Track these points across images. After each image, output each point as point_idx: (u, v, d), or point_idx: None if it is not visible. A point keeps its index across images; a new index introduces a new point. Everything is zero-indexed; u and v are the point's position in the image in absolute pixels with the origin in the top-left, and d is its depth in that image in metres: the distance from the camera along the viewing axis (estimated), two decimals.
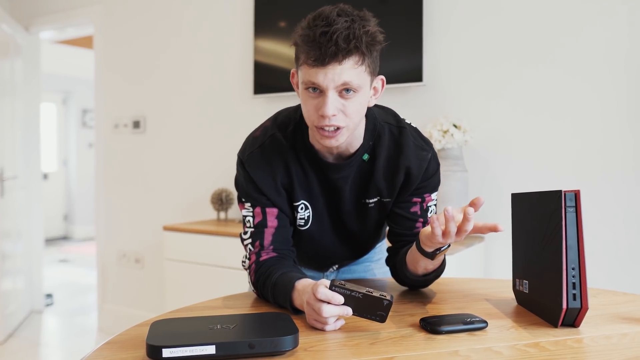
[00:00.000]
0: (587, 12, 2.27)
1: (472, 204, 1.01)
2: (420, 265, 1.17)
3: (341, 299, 0.95)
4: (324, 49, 1.01)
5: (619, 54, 2.21)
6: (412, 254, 1.17)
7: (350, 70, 1.03)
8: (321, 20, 1.03)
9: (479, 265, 2.42)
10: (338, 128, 1.08)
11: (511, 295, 1.22)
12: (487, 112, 2.48)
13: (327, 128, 1.07)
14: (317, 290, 0.96)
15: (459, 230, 1.01)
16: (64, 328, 3.90)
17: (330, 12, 1.04)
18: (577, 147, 2.30)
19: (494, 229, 1.00)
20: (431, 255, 1.11)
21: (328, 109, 1.04)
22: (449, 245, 1.10)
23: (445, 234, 1.02)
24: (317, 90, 1.06)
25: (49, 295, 4.39)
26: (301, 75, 1.08)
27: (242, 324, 0.94)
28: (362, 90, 1.08)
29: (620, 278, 2.22)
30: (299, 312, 1.07)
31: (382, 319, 0.98)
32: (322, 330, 0.98)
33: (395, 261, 1.29)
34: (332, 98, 1.05)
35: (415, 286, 1.28)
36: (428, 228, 1.08)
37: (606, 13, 2.23)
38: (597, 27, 2.25)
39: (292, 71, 1.18)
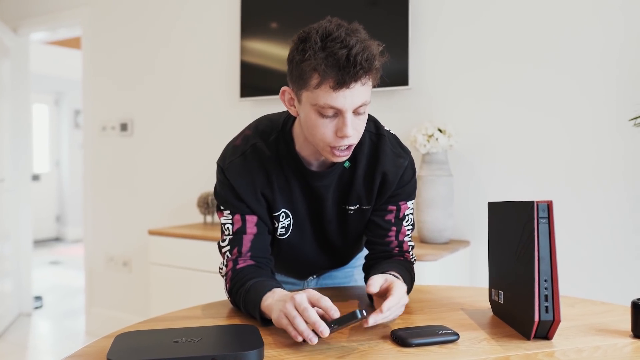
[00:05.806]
0: (578, 13, 2.25)
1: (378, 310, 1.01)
2: None
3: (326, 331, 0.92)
4: (351, 72, 1.01)
5: (610, 57, 2.20)
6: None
7: (366, 89, 1.06)
8: (336, 42, 1.01)
9: (464, 271, 2.41)
10: (351, 145, 1.11)
11: (488, 304, 1.21)
12: (473, 117, 2.46)
13: (342, 147, 1.09)
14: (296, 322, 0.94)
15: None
16: (52, 331, 3.87)
17: (338, 32, 1.02)
18: (565, 152, 2.29)
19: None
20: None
21: (349, 130, 1.06)
22: None
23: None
24: (333, 113, 1.06)
25: (38, 298, 4.36)
26: (313, 98, 1.05)
27: (208, 337, 0.93)
28: (369, 104, 1.11)
29: (608, 285, 2.21)
30: (267, 322, 1.06)
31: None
32: (294, 338, 0.94)
33: (365, 275, 1.32)
34: (351, 119, 1.06)
35: None
36: (374, 281, 1.06)
37: (598, 15, 2.22)
38: (589, 29, 2.23)
39: (282, 89, 1.14)
